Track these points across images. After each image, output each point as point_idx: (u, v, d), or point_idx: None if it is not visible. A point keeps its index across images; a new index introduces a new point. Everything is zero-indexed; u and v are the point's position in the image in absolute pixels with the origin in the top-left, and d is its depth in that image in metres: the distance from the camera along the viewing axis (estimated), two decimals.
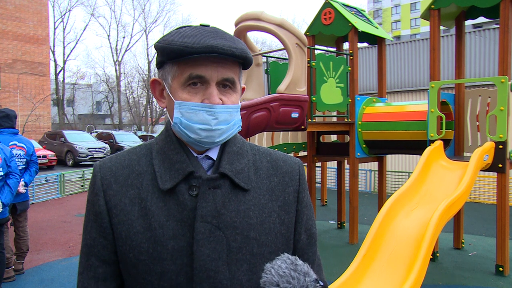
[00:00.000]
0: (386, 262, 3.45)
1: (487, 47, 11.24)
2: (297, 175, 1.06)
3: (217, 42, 0.89)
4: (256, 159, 1.04)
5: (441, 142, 5.05)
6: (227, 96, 0.95)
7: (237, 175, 0.96)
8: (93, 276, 0.97)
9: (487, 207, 9.43)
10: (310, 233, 1.08)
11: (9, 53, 22.05)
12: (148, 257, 0.91)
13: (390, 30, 60.17)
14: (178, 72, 0.93)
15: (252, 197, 0.97)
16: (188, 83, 0.93)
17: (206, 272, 0.90)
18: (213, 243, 0.91)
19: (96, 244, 0.97)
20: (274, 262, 0.84)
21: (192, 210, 0.92)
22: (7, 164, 4.14)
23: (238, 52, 0.91)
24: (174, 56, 0.91)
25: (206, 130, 0.92)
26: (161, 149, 0.99)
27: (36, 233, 6.92)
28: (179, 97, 0.93)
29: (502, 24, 4.99)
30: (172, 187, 0.93)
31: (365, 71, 13.47)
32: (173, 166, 0.95)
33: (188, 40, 0.89)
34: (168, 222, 0.92)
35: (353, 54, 6.28)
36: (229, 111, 0.94)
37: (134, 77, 48.77)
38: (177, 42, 0.90)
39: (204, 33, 0.92)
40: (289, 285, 0.80)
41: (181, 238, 0.91)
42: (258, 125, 4.81)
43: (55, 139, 19.30)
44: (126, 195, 0.95)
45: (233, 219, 0.93)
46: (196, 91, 0.93)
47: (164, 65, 0.97)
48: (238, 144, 1.03)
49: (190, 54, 0.89)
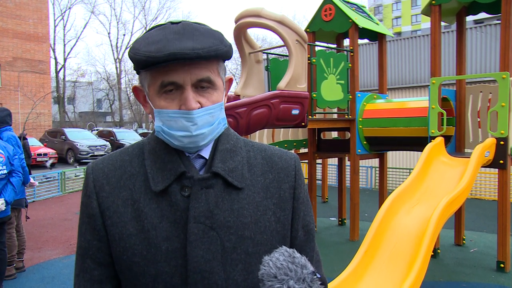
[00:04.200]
0: (387, 259, 3.45)
1: (488, 43, 11.19)
2: (293, 170, 1.04)
3: (180, 46, 0.84)
4: (250, 156, 1.01)
5: (442, 138, 5.03)
6: (206, 97, 0.91)
7: (230, 173, 0.94)
8: (89, 278, 0.97)
9: (488, 203, 9.42)
10: (308, 229, 1.06)
11: (9, 51, 22.06)
12: (142, 259, 0.90)
13: (391, 27, 60.00)
14: (151, 80, 0.91)
15: (246, 196, 0.95)
16: (163, 90, 0.89)
17: (201, 273, 0.89)
18: (207, 244, 0.90)
19: (91, 247, 0.96)
20: (272, 255, 0.85)
21: (184, 211, 0.91)
22: (10, 162, 4.14)
23: (204, 52, 0.85)
24: (141, 66, 0.88)
25: (187, 137, 0.90)
26: (153, 149, 0.97)
27: (37, 231, 6.93)
28: (157, 105, 0.91)
29: (503, 20, 4.96)
30: (164, 188, 0.92)
31: (366, 68, 13.43)
32: (165, 167, 0.94)
33: (151, 48, 0.85)
34: (161, 224, 0.91)
35: (354, 50, 6.26)
36: (209, 112, 0.91)
37: (134, 74, 48.74)
38: (141, 52, 0.86)
39: (169, 36, 0.87)
40: (286, 277, 0.80)
41: (174, 240, 0.90)
42: (258, 122, 4.80)
43: (56, 137, 19.31)
44: (119, 197, 0.94)
45: (226, 219, 0.92)
46: (173, 97, 0.90)
47: (139, 72, 0.94)
48: (231, 141, 1.00)
49: (154, 64, 0.85)
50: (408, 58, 12.73)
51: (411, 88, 12.34)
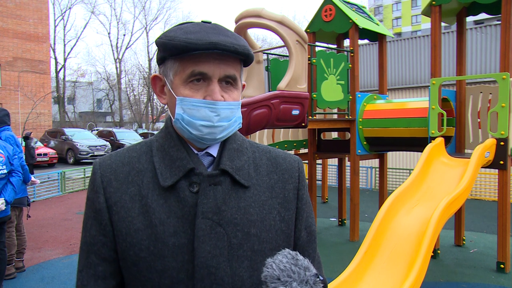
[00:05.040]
0: (387, 259, 3.45)
1: (489, 43, 11.19)
2: (297, 172, 1.07)
3: (220, 38, 0.89)
4: (256, 157, 1.04)
5: (442, 139, 5.03)
6: (228, 93, 0.95)
7: (238, 171, 0.97)
8: (93, 274, 0.96)
9: (488, 204, 9.42)
10: (310, 231, 1.08)
11: (9, 51, 22.07)
12: (149, 254, 0.91)
13: (391, 27, 60.01)
14: (180, 68, 0.93)
15: (252, 194, 0.97)
16: (191, 79, 0.92)
17: (207, 268, 0.90)
18: (214, 240, 0.91)
19: (96, 242, 0.96)
20: (275, 257, 0.85)
21: (192, 206, 0.92)
22: (10, 162, 4.14)
23: (240, 49, 0.91)
24: (177, 52, 0.91)
25: (208, 127, 0.93)
26: (161, 146, 0.99)
27: (37, 231, 6.93)
28: (181, 93, 0.93)
29: (503, 20, 4.96)
30: (173, 184, 0.93)
31: (366, 68, 13.43)
32: (174, 163, 0.95)
33: (191, 36, 0.89)
34: (169, 219, 0.92)
35: (354, 51, 6.26)
36: (230, 107, 0.95)
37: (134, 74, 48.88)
38: (180, 38, 0.89)
39: (206, 29, 0.92)
40: (289, 279, 0.81)
41: (181, 235, 0.91)
42: (258, 123, 4.80)
43: (56, 137, 19.31)
44: (127, 192, 0.95)
45: (233, 216, 0.93)
46: (198, 88, 0.93)
47: (165, 61, 0.96)
48: (238, 141, 1.03)
49: (194, 50, 0.89)
50: (408, 59, 12.73)
51: (411, 89, 12.34)
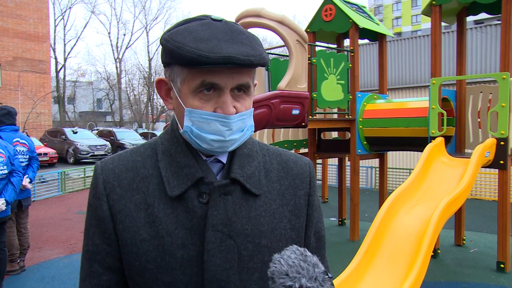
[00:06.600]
0: (387, 259, 3.45)
1: (489, 43, 11.19)
2: (308, 177, 1.02)
3: (234, 50, 0.81)
4: (266, 161, 0.99)
5: (442, 138, 5.03)
6: (240, 102, 0.88)
7: (248, 180, 0.92)
8: (96, 283, 0.93)
9: (489, 203, 9.42)
10: (319, 236, 1.05)
11: (9, 51, 22.07)
12: (156, 266, 0.87)
13: (391, 27, 59.99)
14: (188, 77, 0.85)
15: (263, 203, 0.93)
16: (200, 89, 0.85)
17: (217, 282, 0.86)
18: (224, 252, 0.87)
19: (100, 251, 0.92)
20: (283, 253, 0.82)
21: (202, 218, 0.88)
22: (11, 162, 4.14)
23: (256, 60, 0.84)
24: (185, 63, 0.82)
25: (219, 141, 0.86)
26: (167, 151, 0.93)
27: (37, 231, 6.93)
28: (190, 104, 0.86)
29: (504, 20, 4.96)
30: (181, 194, 0.88)
31: (366, 68, 13.43)
32: (181, 171, 0.90)
33: (202, 47, 0.80)
34: (177, 230, 0.87)
35: (354, 50, 6.26)
36: (242, 118, 0.88)
37: (135, 74, 48.82)
38: (189, 48, 0.81)
39: (218, 35, 0.83)
40: (298, 275, 0.79)
41: (190, 247, 0.87)
42: (259, 122, 4.80)
43: (56, 137, 19.31)
44: (131, 200, 0.90)
45: (244, 227, 0.89)
46: (208, 98, 0.85)
47: (172, 65, 0.88)
48: (248, 145, 0.97)
49: (205, 64, 0.80)
50: (408, 59, 12.72)
51: (411, 89, 12.34)
